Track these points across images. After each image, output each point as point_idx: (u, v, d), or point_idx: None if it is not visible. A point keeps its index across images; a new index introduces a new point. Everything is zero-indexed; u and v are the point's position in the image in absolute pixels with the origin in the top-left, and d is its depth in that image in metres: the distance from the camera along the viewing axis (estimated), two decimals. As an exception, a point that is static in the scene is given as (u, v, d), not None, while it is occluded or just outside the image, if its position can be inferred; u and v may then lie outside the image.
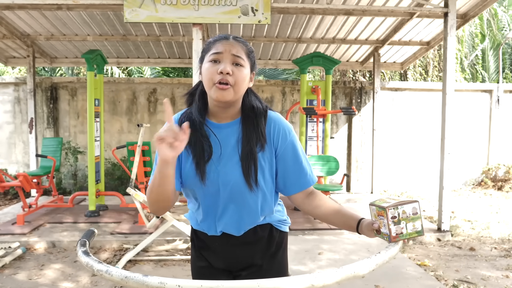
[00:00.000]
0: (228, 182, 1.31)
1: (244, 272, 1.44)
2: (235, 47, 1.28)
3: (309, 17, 5.90)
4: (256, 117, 1.33)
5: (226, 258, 1.42)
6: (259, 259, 1.43)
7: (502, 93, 7.94)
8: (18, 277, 3.57)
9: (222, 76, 1.24)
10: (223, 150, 1.33)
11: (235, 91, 1.27)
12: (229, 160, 1.32)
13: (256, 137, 1.31)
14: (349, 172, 7.71)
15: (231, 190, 1.32)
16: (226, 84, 1.25)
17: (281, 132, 1.36)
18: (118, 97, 7.45)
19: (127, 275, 0.93)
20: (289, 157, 1.36)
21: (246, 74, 1.30)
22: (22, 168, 7.27)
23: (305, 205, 1.39)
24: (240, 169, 1.30)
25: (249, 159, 1.30)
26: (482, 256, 4.22)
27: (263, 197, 1.36)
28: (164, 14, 4.40)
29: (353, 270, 0.97)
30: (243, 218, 1.36)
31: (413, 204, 1.18)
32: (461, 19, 5.55)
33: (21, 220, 4.93)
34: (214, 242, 1.41)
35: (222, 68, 1.24)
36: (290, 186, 1.38)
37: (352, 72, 10.92)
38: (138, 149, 4.54)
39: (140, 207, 4.11)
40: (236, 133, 1.34)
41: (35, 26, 6.18)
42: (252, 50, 1.35)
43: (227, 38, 1.31)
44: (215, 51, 1.28)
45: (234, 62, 1.27)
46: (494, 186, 7.95)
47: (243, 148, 1.31)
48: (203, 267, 1.45)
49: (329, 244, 4.49)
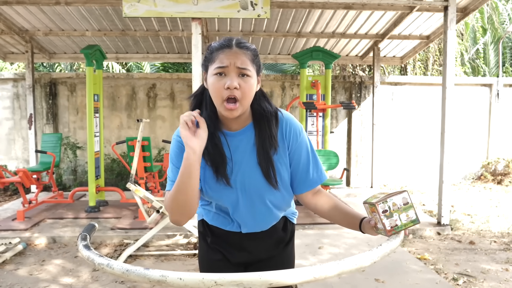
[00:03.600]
0: (250, 185, 1.34)
1: (257, 264, 1.47)
2: (239, 58, 1.25)
3: (309, 11, 5.87)
4: (267, 122, 1.34)
5: (244, 251, 1.45)
6: (274, 250, 1.48)
7: (502, 87, 7.92)
8: (19, 272, 3.58)
9: (230, 92, 1.23)
10: (241, 155, 1.34)
11: (242, 105, 1.26)
12: (248, 164, 1.34)
13: (269, 142, 1.33)
14: (349, 167, 7.71)
15: (252, 193, 1.35)
16: (234, 102, 1.24)
17: (292, 132, 1.38)
18: (118, 92, 7.43)
19: (128, 269, 0.93)
20: (299, 157, 1.39)
21: (253, 83, 1.28)
22: (22, 164, 7.27)
23: (311, 203, 1.42)
24: (260, 172, 1.33)
25: (266, 162, 1.32)
26: (482, 250, 4.23)
27: (282, 196, 1.40)
28: (163, 9, 4.37)
29: (354, 263, 0.97)
30: (265, 218, 1.40)
31: (402, 194, 1.19)
32: (461, 13, 5.52)
33: (21, 216, 4.93)
34: (234, 237, 1.43)
35: (229, 84, 1.22)
36: (298, 185, 1.41)
37: (351, 66, 10.89)
38: (138, 144, 4.53)
39: (141, 202, 4.11)
40: (251, 139, 1.35)
41: (34, 21, 6.14)
42: (256, 54, 1.32)
43: (230, 46, 1.26)
44: (220, 65, 1.25)
45: (240, 74, 1.25)
46: (494, 180, 7.96)
47: (259, 153, 1.33)
48: (218, 260, 1.46)
49: (330, 238, 4.50)
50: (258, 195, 1.35)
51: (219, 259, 1.45)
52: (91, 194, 5.41)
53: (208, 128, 1.27)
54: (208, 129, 1.26)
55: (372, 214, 1.21)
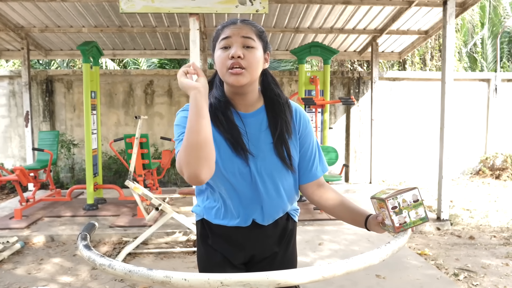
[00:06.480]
0: (264, 168, 1.31)
1: (259, 263, 1.43)
2: (243, 29, 1.25)
3: (307, 6, 5.83)
4: (282, 108, 1.34)
5: (247, 250, 1.41)
6: (276, 248, 1.44)
7: (500, 82, 7.92)
8: (17, 271, 3.55)
9: (234, 60, 1.22)
10: (255, 137, 1.32)
11: (249, 73, 1.24)
12: (262, 147, 1.32)
13: (285, 126, 1.32)
14: (348, 163, 7.71)
15: (265, 176, 1.32)
16: (239, 68, 1.22)
17: (302, 120, 1.38)
18: (115, 89, 7.37)
19: (130, 269, 0.90)
20: (307, 146, 1.39)
21: (259, 55, 1.27)
22: (19, 162, 7.21)
23: (315, 197, 1.40)
24: (275, 155, 1.31)
25: (282, 144, 1.31)
26: (482, 245, 4.23)
27: (294, 181, 1.39)
28: (161, 4, 4.32)
29: (363, 261, 0.95)
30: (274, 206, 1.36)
31: (413, 191, 1.16)
32: (460, 8, 5.49)
33: (19, 215, 4.89)
34: (237, 234, 1.37)
35: (233, 52, 1.22)
36: (303, 174, 1.40)
37: (349, 62, 10.86)
38: (136, 141, 4.50)
39: (139, 200, 4.08)
40: (263, 122, 1.34)
41: (29, 18, 6.07)
42: (262, 31, 1.31)
43: (235, 22, 1.28)
44: (224, 36, 1.26)
45: (244, 45, 1.24)
46: (492, 175, 7.97)
47: (274, 135, 1.31)
48: (220, 261, 1.41)
49: (330, 234, 4.48)
50: (271, 179, 1.33)
51: (221, 260, 1.41)
52: (89, 192, 5.37)
53: (219, 107, 1.28)
54: (219, 108, 1.27)
55: (380, 210, 1.18)
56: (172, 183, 7.49)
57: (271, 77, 1.38)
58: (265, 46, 1.31)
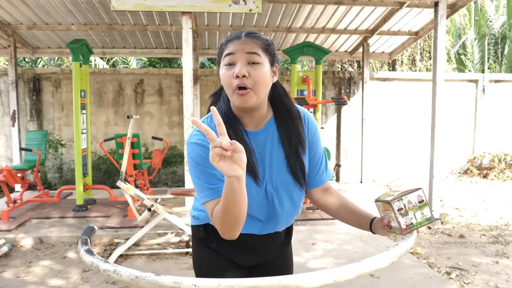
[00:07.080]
0: (278, 182, 1.28)
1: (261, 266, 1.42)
2: (248, 45, 1.19)
3: (299, 6, 5.83)
4: (294, 123, 1.29)
5: (254, 254, 1.39)
6: (278, 251, 1.44)
7: (488, 83, 8.05)
8: (5, 275, 3.46)
9: (239, 81, 1.16)
10: (268, 153, 1.28)
11: (256, 93, 1.18)
12: (275, 161, 1.28)
13: (299, 142, 1.29)
14: (338, 162, 7.74)
15: (280, 189, 1.29)
16: (245, 88, 1.16)
17: (311, 126, 1.36)
18: (104, 88, 7.27)
19: (137, 275, 0.87)
20: (315, 152, 1.37)
21: (265, 71, 1.19)
22: (5, 162, 7.06)
23: (321, 201, 1.40)
24: (288, 169, 1.29)
25: (295, 162, 1.28)
26: (472, 243, 4.29)
27: (303, 194, 1.38)
28: (153, 2, 4.26)
29: (374, 264, 0.94)
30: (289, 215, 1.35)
31: (417, 192, 1.16)
32: (450, 9, 5.56)
33: (6, 216, 4.78)
34: (247, 239, 1.34)
35: (237, 71, 1.15)
36: (311, 180, 1.38)
37: (340, 62, 10.92)
38: (128, 141, 4.44)
39: (131, 201, 4.02)
40: (275, 135, 1.29)
41: (16, 14, 5.94)
42: (269, 43, 1.24)
43: (239, 36, 1.21)
44: (228, 52, 1.19)
45: (249, 61, 1.18)
46: (480, 174, 8.10)
47: (286, 150, 1.28)
48: (224, 264, 1.38)
49: (322, 234, 4.49)
50: (287, 193, 1.31)
51: (225, 263, 1.38)
52: (79, 192, 5.28)
53: (227, 124, 1.17)
54: (227, 126, 1.13)
55: (386, 213, 1.17)
56: (162, 183, 7.42)
57: (281, 89, 1.32)
58: (272, 59, 1.25)
